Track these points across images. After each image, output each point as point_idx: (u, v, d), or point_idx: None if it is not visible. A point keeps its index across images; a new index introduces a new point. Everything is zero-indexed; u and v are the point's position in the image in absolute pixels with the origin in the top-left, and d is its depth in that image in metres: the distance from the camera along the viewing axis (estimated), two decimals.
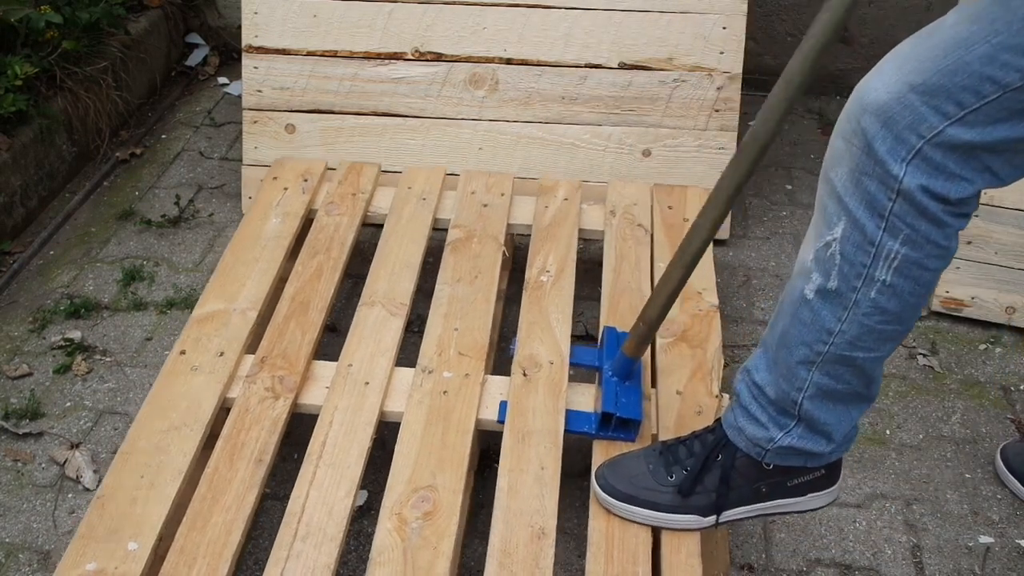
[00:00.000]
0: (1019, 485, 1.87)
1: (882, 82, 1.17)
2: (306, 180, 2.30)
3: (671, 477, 1.52)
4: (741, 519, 1.53)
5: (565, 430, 1.67)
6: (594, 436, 1.67)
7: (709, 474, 1.50)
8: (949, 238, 1.21)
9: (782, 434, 1.42)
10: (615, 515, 1.54)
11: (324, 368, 1.81)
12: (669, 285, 1.50)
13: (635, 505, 1.52)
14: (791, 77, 1.26)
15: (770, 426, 1.43)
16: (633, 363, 1.66)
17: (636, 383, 1.68)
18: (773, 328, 1.39)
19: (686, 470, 1.52)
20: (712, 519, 1.51)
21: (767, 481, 1.49)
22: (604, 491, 1.54)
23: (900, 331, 1.30)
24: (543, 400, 1.72)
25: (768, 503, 1.51)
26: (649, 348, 1.86)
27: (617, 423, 1.64)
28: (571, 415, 1.70)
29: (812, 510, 1.54)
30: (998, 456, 1.92)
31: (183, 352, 1.81)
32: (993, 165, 1.16)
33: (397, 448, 1.65)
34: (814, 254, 1.28)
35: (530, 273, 2.01)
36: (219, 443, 1.65)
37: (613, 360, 1.69)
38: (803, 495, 1.51)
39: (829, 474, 1.50)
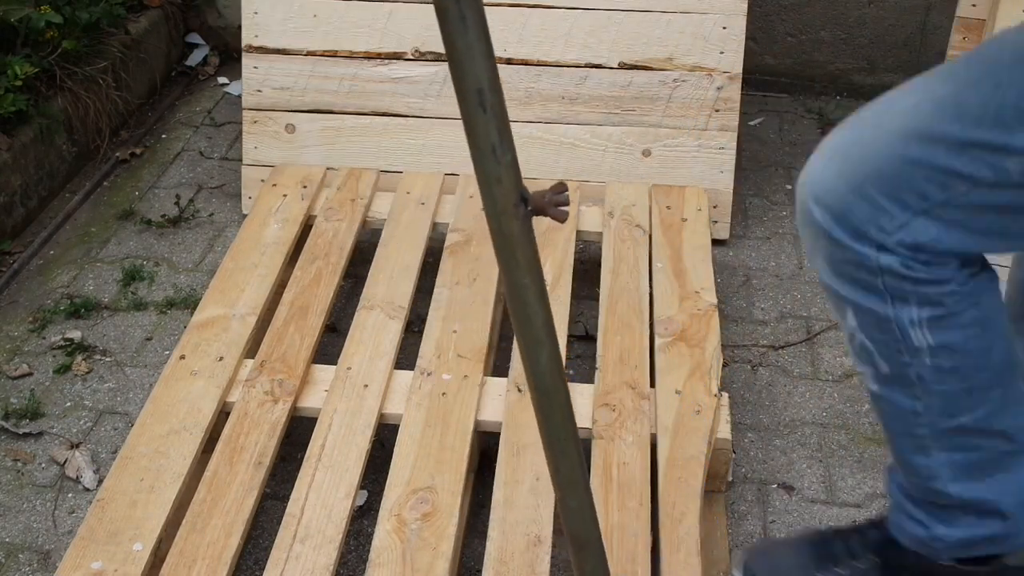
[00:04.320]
0: None
1: (832, 170, 1.07)
2: (305, 187, 2.30)
3: None
4: None
5: None
6: None
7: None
8: (966, 281, 1.08)
9: (947, 529, 1.24)
10: None
11: (323, 372, 1.82)
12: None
13: None
14: None
15: (931, 524, 1.25)
16: None
17: None
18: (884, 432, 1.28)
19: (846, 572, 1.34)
20: None
21: None
22: None
23: (990, 377, 1.14)
24: None
25: None
26: (648, 347, 1.86)
27: None
28: None
29: None
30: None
31: (183, 357, 1.82)
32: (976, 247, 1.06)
33: (396, 450, 1.65)
34: (851, 350, 1.18)
35: None
36: (218, 446, 1.66)
37: None
38: None
39: None
